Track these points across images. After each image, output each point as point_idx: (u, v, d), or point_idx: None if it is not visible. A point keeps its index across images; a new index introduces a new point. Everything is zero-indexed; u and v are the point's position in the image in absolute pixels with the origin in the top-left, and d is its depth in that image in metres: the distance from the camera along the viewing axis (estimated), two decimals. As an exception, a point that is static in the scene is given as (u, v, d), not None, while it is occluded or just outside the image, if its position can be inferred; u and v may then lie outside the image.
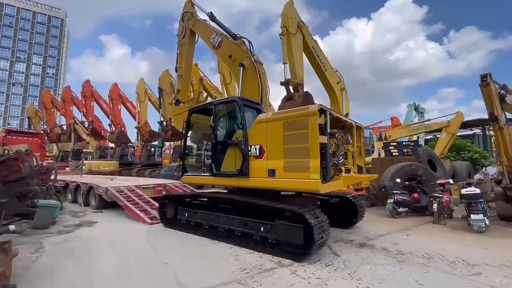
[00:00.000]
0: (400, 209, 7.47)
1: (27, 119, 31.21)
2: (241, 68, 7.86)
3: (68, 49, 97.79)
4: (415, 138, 20.34)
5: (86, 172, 16.37)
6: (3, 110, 79.12)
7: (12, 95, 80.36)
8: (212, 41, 9.06)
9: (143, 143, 20.81)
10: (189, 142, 6.87)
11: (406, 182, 8.29)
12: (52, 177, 7.96)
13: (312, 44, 13.48)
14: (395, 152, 11.01)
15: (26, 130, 28.11)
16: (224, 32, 9.00)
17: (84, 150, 20.65)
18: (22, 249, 4.33)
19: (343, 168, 4.75)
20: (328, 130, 4.30)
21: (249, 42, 8.39)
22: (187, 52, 10.47)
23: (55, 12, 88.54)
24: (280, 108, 12.62)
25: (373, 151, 13.40)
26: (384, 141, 14.12)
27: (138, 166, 19.68)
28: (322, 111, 4.25)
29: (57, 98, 28.65)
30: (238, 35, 8.62)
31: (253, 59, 7.85)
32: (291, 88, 12.28)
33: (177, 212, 6.08)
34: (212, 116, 5.53)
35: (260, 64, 8.00)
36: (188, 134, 6.52)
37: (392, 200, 7.43)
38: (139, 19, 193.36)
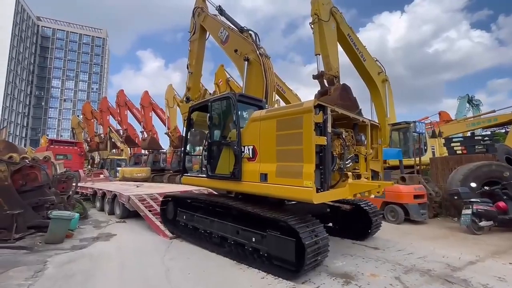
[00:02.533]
0: (482, 223, 5.73)
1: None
2: (246, 62, 7.24)
3: (109, 65, 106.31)
4: (468, 134, 17.51)
5: (120, 179, 16.60)
6: (56, 123, 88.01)
7: (64, 110, 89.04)
8: (220, 35, 8.54)
9: (173, 149, 20.79)
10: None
11: (485, 187, 6.47)
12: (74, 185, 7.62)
13: (347, 32, 12.01)
14: (459, 149, 9.04)
15: (67, 139, 30.06)
16: (231, 25, 8.41)
17: (117, 157, 21.25)
18: (21, 272, 3.75)
19: (350, 173, 4.07)
20: (329, 130, 3.66)
21: (256, 34, 7.76)
22: (198, 49, 10.07)
23: (98, 32, 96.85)
24: (313, 105, 11.38)
25: (426, 150, 11.41)
26: (445, 137, 11.99)
27: (170, 172, 19.63)
28: (321, 107, 3.65)
29: (97, 110, 30.35)
30: (245, 27, 8.01)
31: (258, 53, 7.13)
32: (325, 81, 11.00)
33: (176, 214, 5.84)
34: (208, 114, 5.10)
35: (266, 58, 7.24)
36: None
37: (469, 211, 5.73)
38: (171, 33, 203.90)
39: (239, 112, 4.74)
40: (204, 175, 5.27)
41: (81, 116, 30.01)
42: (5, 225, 5.23)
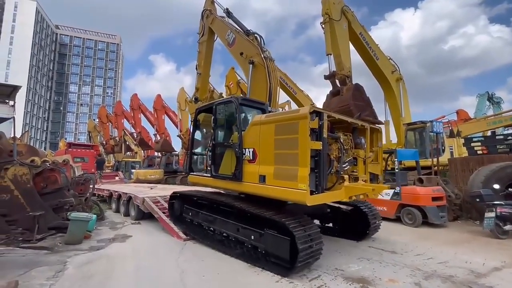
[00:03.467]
0: (507, 227, 5.46)
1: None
2: (251, 65, 7.28)
3: (123, 69, 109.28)
4: (488, 133, 16.77)
5: (134, 181, 16.97)
6: (73, 127, 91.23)
7: (80, 114, 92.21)
8: (227, 38, 8.57)
9: (185, 151, 21.05)
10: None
11: (510, 189, 6.16)
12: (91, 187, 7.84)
13: (359, 31, 11.80)
14: (480, 149, 8.67)
15: (84, 143, 31.03)
16: (238, 28, 8.44)
17: (132, 160, 21.73)
18: (42, 272, 3.88)
19: (346, 176, 4.22)
20: (325, 135, 3.82)
21: (261, 37, 7.81)
22: (206, 50, 10.17)
23: (112, 38, 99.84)
24: (324, 105, 11.18)
25: (443, 150, 11.02)
26: (464, 137, 11.55)
27: (182, 173, 19.89)
28: (317, 113, 3.83)
29: (112, 113, 31.20)
30: (250, 30, 8.05)
31: (262, 56, 7.15)
32: (337, 81, 10.85)
33: (182, 210, 6.13)
34: (213, 117, 5.33)
35: (270, 61, 7.27)
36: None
37: (492, 214, 5.48)
38: (182, 37, 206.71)
39: (244, 115, 4.96)
40: (208, 175, 5.47)
41: (97, 120, 30.93)
42: (28, 226, 5.43)
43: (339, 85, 10.71)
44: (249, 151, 4.45)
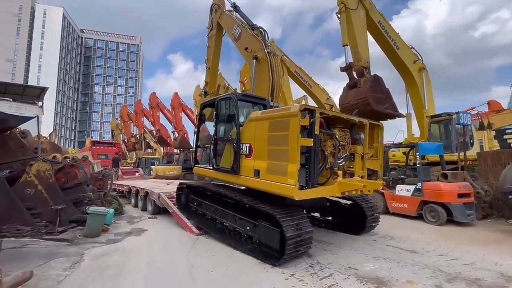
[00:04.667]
0: (545, 227, 4.95)
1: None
2: (254, 60, 7.22)
3: (143, 70, 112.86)
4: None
5: (154, 177, 17.48)
6: (99, 126, 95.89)
7: (105, 114, 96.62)
8: (234, 32, 8.49)
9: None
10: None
11: (548, 185, 5.59)
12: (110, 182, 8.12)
13: (378, 19, 11.20)
14: (514, 142, 7.96)
15: (107, 141, 32.36)
16: (244, 22, 8.33)
17: (151, 156, 22.41)
18: (60, 263, 4.04)
19: (340, 172, 4.24)
20: (316, 132, 3.89)
21: (265, 32, 7.70)
22: (215, 45, 10.10)
23: (132, 39, 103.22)
24: (341, 98, 10.80)
25: (472, 144, 10.24)
26: (495, 129, 10.71)
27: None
28: (309, 111, 3.93)
29: (133, 112, 32.30)
30: (256, 25, 7.94)
31: (266, 51, 7.05)
32: (354, 73, 10.42)
33: (188, 200, 6.48)
34: (214, 112, 5.56)
35: (274, 56, 7.15)
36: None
37: (528, 213, 4.99)
38: (199, 36, 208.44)
39: (246, 110, 5.15)
40: (211, 167, 5.74)
41: (119, 119, 32.19)
42: (51, 219, 5.71)
43: (356, 77, 10.31)
44: (246, 146, 4.63)
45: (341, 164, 4.35)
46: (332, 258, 4.23)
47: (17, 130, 6.96)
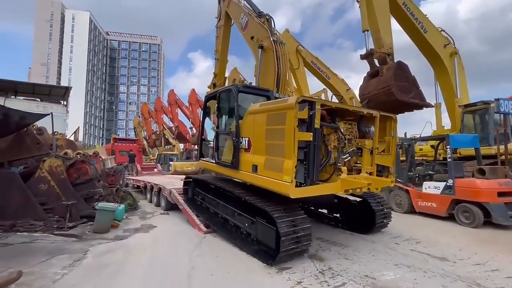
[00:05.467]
0: None
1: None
2: (260, 50, 6.90)
3: (165, 68, 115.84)
4: None
5: (172, 173, 17.73)
6: (124, 124, 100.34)
7: (129, 112, 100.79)
8: (241, 21, 8.14)
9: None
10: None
11: None
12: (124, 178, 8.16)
13: (402, 1, 10.27)
14: None
15: (128, 138, 33.48)
16: (251, 9, 7.94)
17: (170, 152, 22.78)
18: (62, 260, 3.97)
19: (344, 168, 3.94)
20: (316, 125, 3.65)
21: (272, 19, 7.28)
22: (223, 35, 9.81)
23: (154, 39, 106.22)
24: (361, 88, 10.03)
25: (513, 136, 9.07)
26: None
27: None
28: (309, 103, 3.68)
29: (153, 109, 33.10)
30: (262, 12, 7.52)
31: (272, 39, 6.65)
32: (375, 61, 9.63)
33: (194, 193, 6.60)
34: (216, 105, 5.45)
35: (280, 45, 6.69)
36: None
37: None
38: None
39: (250, 103, 4.88)
40: (213, 161, 5.69)
41: (141, 116, 33.17)
42: (63, 214, 5.77)
43: (378, 65, 9.51)
44: (245, 140, 4.45)
45: (346, 160, 4.07)
46: (347, 263, 3.78)
47: (34, 127, 7.14)
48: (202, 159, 6.50)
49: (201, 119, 6.64)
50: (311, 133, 3.60)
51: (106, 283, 3.28)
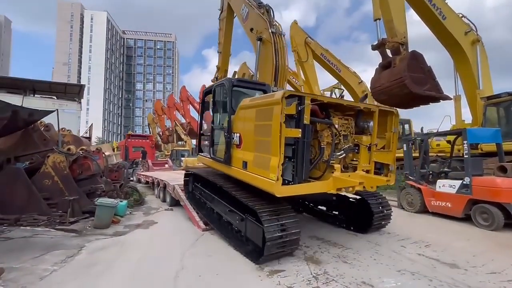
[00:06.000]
0: None
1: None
2: (259, 42, 6.68)
3: (179, 65, 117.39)
4: None
5: (183, 168, 17.90)
6: (141, 121, 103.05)
7: (146, 109, 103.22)
8: (242, 13, 7.90)
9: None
10: None
11: None
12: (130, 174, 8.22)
13: (418, -16, 9.56)
14: None
15: (141, 134, 34.11)
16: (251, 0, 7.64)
17: (182, 148, 23.01)
18: (55, 256, 3.98)
19: (337, 166, 3.81)
20: (306, 121, 3.50)
21: (271, 10, 7.03)
22: (226, 27, 9.54)
23: (168, 37, 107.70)
24: (373, 81, 9.50)
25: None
26: None
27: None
28: (298, 97, 3.52)
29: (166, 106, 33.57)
30: (262, 3, 7.27)
31: (270, 31, 6.39)
32: (388, 51, 9.07)
33: (193, 187, 6.66)
34: (211, 99, 5.40)
35: (279, 36, 6.41)
36: None
37: None
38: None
39: (246, 98, 4.68)
40: (208, 156, 5.66)
41: (155, 113, 33.80)
42: (65, 209, 5.86)
43: (391, 56, 8.94)
44: (237, 136, 4.34)
45: (340, 157, 3.90)
46: (344, 267, 3.52)
47: (41, 123, 7.31)
48: (200, 154, 6.44)
49: (199, 114, 6.56)
50: (300, 130, 3.45)
51: (90, 282, 3.23)
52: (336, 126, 3.88)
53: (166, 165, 18.16)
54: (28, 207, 5.72)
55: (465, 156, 5.66)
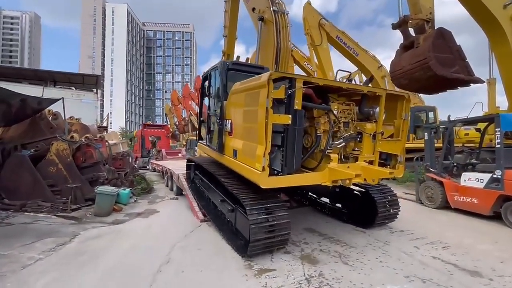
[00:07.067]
0: None
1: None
2: (260, 22, 6.26)
3: (197, 56, 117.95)
4: None
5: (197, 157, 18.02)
6: (161, 111, 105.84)
7: (165, 100, 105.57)
8: None
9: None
10: None
11: None
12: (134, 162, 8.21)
13: (449, -47, 8.43)
14: None
15: (157, 124, 34.81)
16: None
17: (195, 138, 23.11)
18: (46, 244, 3.94)
19: (335, 156, 3.38)
20: (297, 106, 3.12)
21: None
22: (231, 9, 9.05)
23: (186, 27, 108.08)
24: (393, 64, 8.60)
25: None
26: None
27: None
28: (289, 80, 3.11)
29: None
30: None
31: (272, 9, 5.95)
32: (411, 30, 8.15)
33: (194, 176, 6.50)
34: (207, 85, 5.19)
35: (282, 15, 5.92)
36: None
37: None
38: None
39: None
40: (205, 144, 5.48)
41: (171, 103, 34.23)
42: (69, 197, 5.92)
43: (414, 35, 8.03)
44: (229, 123, 4.07)
45: (339, 146, 3.54)
46: (344, 269, 3.12)
47: (49, 112, 7.40)
48: (200, 141, 6.21)
49: (199, 100, 6.34)
50: (290, 116, 3.11)
51: (70, 272, 3.10)
52: (335, 112, 3.50)
53: (180, 154, 18.36)
54: (34, 193, 5.82)
55: (497, 146, 4.92)
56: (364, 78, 13.33)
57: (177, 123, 31.45)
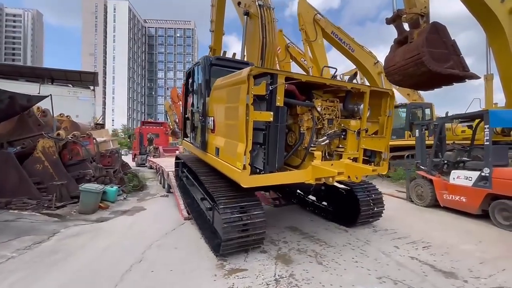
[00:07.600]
0: None
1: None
2: (246, 17, 6.18)
3: (199, 53, 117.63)
4: None
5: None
6: (163, 109, 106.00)
7: (167, 97, 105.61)
8: None
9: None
10: None
11: None
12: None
13: None
14: None
15: (156, 121, 34.78)
16: None
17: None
18: (22, 242, 3.92)
19: (318, 153, 3.38)
20: (278, 103, 3.03)
21: None
22: (218, 3, 8.91)
23: (187, 24, 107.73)
24: (387, 59, 8.44)
25: None
26: None
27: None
28: (271, 76, 3.02)
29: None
30: None
31: (257, 3, 5.85)
32: (405, 24, 7.97)
33: (181, 173, 6.46)
34: (190, 80, 5.14)
35: (267, 10, 5.82)
36: None
37: None
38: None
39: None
40: (190, 142, 5.46)
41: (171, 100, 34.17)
42: (54, 194, 5.91)
43: (408, 29, 7.85)
44: (211, 120, 4.00)
45: (323, 143, 3.47)
46: (316, 270, 3.05)
47: (38, 109, 7.38)
48: (185, 139, 6.13)
49: (184, 96, 6.24)
50: (272, 113, 3.01)
51: (39, 272, 3.07)
52: (319, 109, 3.43)
53: (177, 152, 18.34)
54: (19, 191, 5.81)
55: (485, 143, 4.79)
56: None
57: (177, 120, 31.42)
